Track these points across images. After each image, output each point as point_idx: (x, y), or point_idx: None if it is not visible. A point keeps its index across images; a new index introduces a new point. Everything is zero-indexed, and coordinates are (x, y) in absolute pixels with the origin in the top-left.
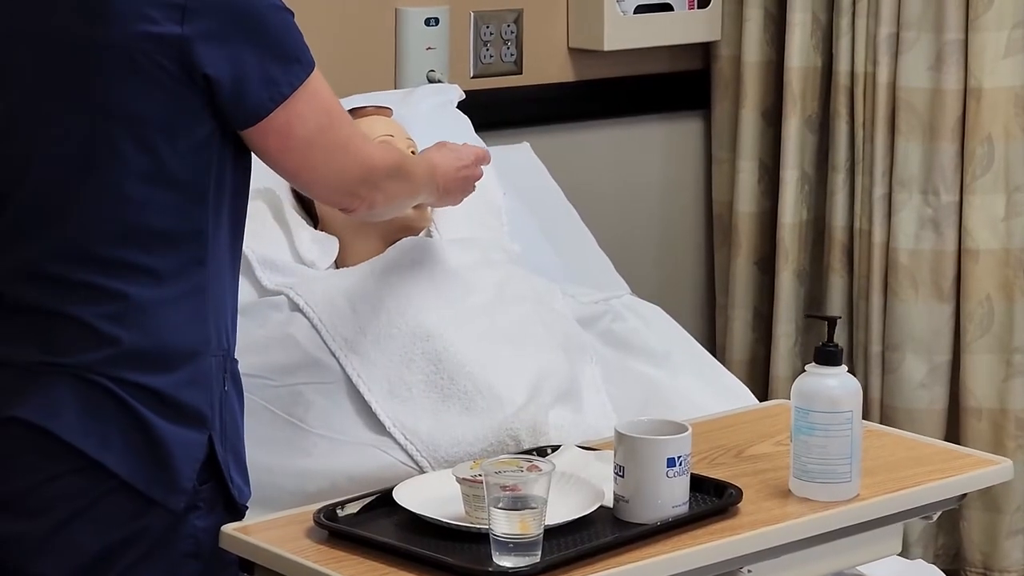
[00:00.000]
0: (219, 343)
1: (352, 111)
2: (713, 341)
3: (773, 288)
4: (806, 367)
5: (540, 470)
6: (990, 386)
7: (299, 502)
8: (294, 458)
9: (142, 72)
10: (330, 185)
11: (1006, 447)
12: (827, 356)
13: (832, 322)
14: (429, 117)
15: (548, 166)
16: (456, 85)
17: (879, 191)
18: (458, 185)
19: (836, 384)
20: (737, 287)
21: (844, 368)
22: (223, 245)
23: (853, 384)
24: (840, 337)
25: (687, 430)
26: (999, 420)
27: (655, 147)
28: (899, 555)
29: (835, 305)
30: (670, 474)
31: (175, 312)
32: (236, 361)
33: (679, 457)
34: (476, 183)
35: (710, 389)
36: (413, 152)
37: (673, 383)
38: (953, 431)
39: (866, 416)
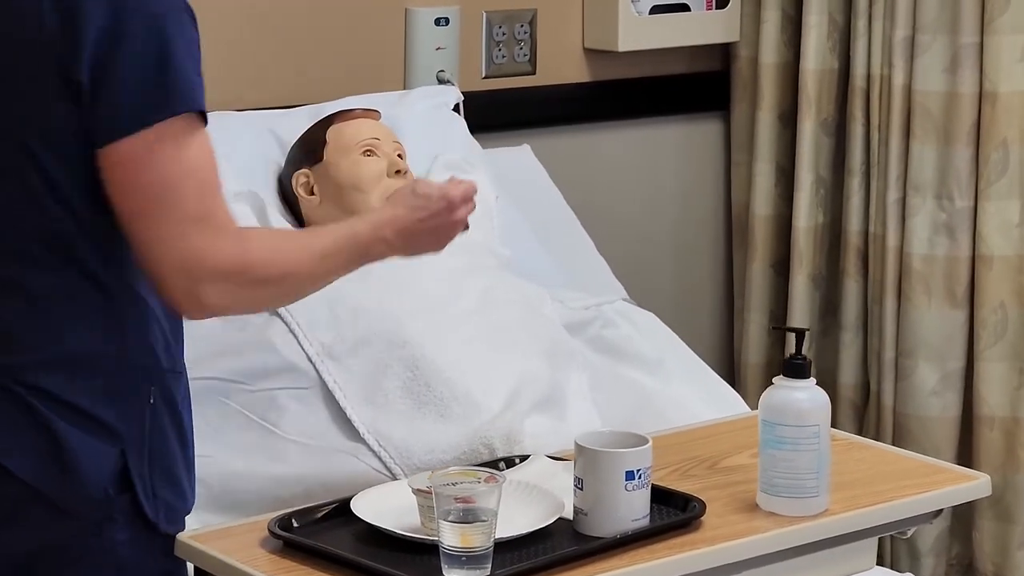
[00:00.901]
0: (140, 356)
1: (339, 113)
2: (731, 344)
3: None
4: (774, 380)
5: (496, 482)
6: (1003, 394)
7: (271, 507)
8: (267, 463)
9: (25, 79)
10: (153, 257)
11: (1018, 456)
12: (795, 369)
13: (800, 334)
14: (423, 119)
15: (564, 168)
16: (455, 87)
17: (893, 195)
18: (425, 237)
19: (804, 397)
20: (753, 290)
21: (812, 381)
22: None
23: (822, 397)
24: (854, 343)
25: (647, 443)
26: (1012, 429)
27: (674, 149)
28: (902, 566)
29: (850, 310)
30: (629, 487)
31: (82, 323)
32: (174, 375)
33: (638, 470)
34: (463, 223)
35: (702, 397)
36: (400, 156)
37: (664, 390)
38: (966, 439)
39: (878, 424)
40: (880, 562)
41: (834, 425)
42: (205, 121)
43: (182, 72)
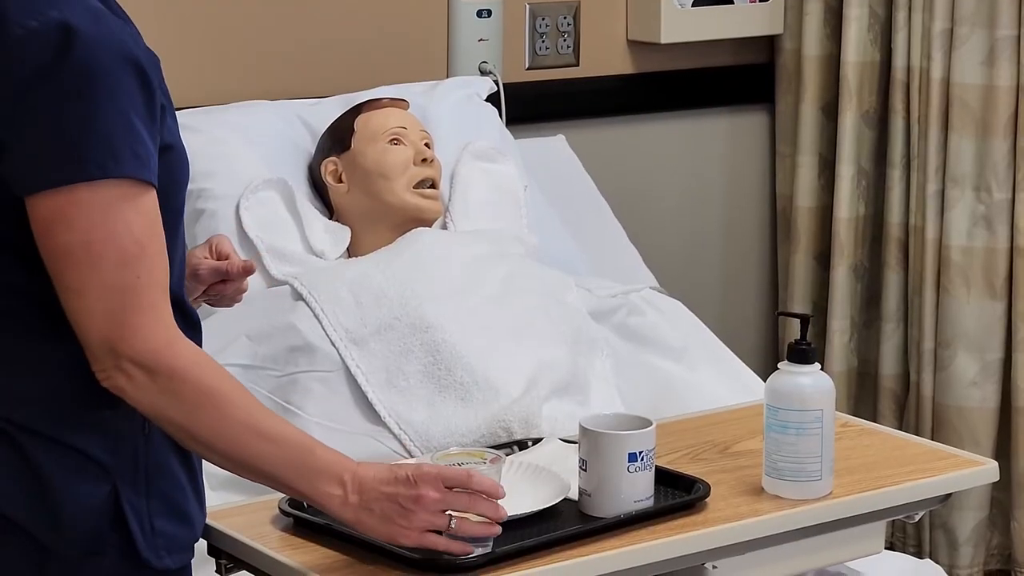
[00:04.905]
0: None
1: (367, 103)
2: (775, 335)
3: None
4: (779, 365)
5: (502, 462)
6: None
7: None
8: None
9: None
10: (78, 324)
11: None
12: (800, 354)
13: (805, 320)
14: (455, 109)
15: (607, 160)
16: (487, 78)
17: (932, 187)
18: (382, 504)
19: (808, 383)
20: (796, 281)
21: (817, 366)
22: None
23: (826, 383)
24: (895, 334)
25: (650, 426)
26: None
27: (718, 141)
28: (941, 554)
29: (891, 301)
30: (632, 469)
31: (62, 358)
32: None
33: (641, 452)
34: (433, 505)
35: (726, 384)
36: (428, 145)
37: (688, 377)
38: (1004, 430)
39: (918, 414)
40: (918, 550)
41: (875, 415)
42: (154, 184)
43: (101, 136)
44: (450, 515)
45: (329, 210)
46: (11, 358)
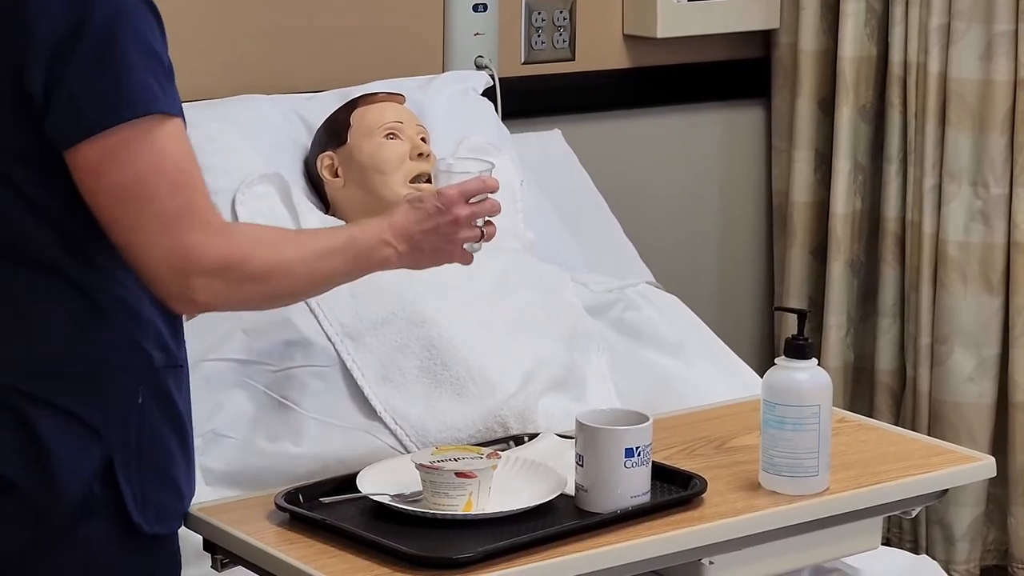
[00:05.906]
0: (127, 356)
1: (364, 97)
2: (771, 330)
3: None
4: (776, 360)
5: (499, 458)
6: None
7: (289, 484)
8: (286, 440)
9: None
10: (139, 257)
11: None
12: (797, 349)
13: (802, 315)
14: (450, 104)
15: (603, 155)
16: (483, 72)
17: (929, 182)
18: (428, 239)
19: (805, 378)
20: (792, 277)
21: (814, 362)
22: (117, 258)
23: (823, 378)
24: (892, 329)
25: (647, 421)
26: None
27: (714, 136)
28: (937, 550)
29: (887, 296)
30: (628, 464)
31: (62, 326)
32: (170, 370)
33: (638, 448)
34: (465, 221)
35: (723, 379)
36: (424, 139)
37: (685, 373)
38: (1001, 426)
39: (914, 410)
40: (915, 546)
41: (872, 411)
42: (180, 114)
43: (135, 75)
44: (480, 229)
45: (325, 205)
46: (9, 323)
